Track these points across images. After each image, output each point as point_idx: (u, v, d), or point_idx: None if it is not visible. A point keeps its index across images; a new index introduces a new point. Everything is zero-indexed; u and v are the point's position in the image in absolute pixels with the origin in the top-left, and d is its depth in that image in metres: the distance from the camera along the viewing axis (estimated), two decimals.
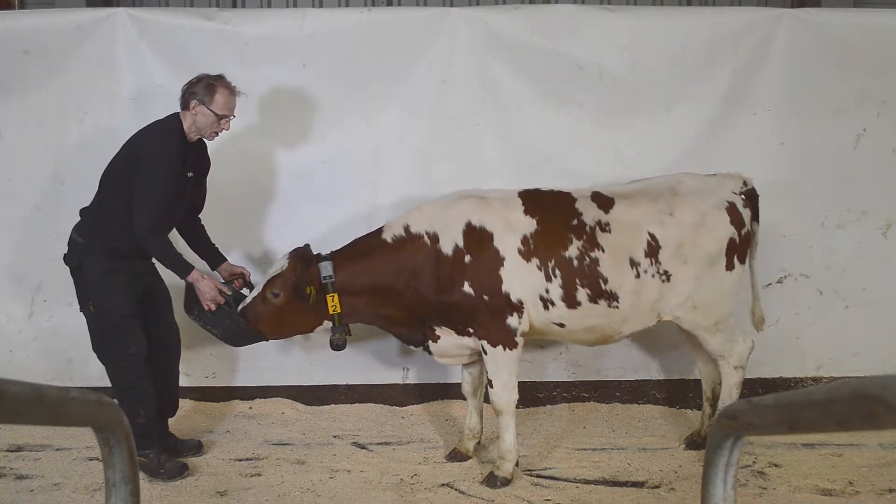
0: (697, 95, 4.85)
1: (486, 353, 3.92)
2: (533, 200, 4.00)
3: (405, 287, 3.93)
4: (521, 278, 3.86)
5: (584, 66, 4.82)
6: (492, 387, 3.95)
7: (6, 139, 4.81)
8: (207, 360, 4.99)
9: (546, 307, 3.89)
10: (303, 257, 3.95)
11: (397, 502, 3.76)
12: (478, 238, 3.88)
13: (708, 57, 4.83)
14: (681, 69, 4.84)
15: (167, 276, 4.23)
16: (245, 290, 4.15)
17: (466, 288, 3.86)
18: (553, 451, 4.34)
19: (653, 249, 3.90)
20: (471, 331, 3.94)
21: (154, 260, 4.08)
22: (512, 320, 3.87)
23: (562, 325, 3.95)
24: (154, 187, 3.77)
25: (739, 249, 4.02)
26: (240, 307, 3.94)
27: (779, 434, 1.54)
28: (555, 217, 3.94)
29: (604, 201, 3.99)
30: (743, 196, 4.07)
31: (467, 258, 3.87)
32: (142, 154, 3.82)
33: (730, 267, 4.00)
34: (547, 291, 3.87)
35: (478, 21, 4.81)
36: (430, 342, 4.06)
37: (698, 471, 3.66)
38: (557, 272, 3.86)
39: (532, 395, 5.06)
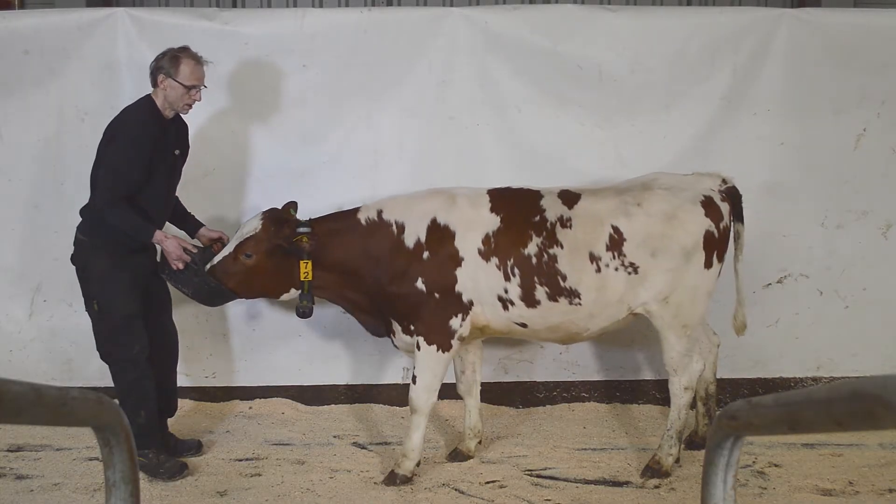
0: (697, 95, 4.84)
1: (418, 350, 3.93)
2: (500, 198, 3.99)
3: (368, 273, 3.95)
4: (477, 279, 3.85)
5: (584, 66, 4.82)
6: (413, 384, 3.96)
7: (6, 139, 4.80)
8: (207, 360, 4.99)
9: (505, 307, 3.87)
10: (276, 219, 3.96)
11: (397, 502, 3.76)
12: (440, 236, 3.89)
13: (708, 57, 4.83)
14: (681, 69, 4.84)
15: None
16: None
17: (419, 283, 3.87)
18: (553, 451, 4.34)
19: (615, 242, 3.82)
20: (412, 328, 3.95)
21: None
22: (455, 322, 3.88)
23: (524, 326, 3.93)
24: (116, 164, 3.81)
25: (719, 246, 3.92)
26: (208, 266, 3.94)
27: (779, 434, 1.53)
28: (518, 214, 3.91)
29: (570, 197, 3.95)
30: (722, 193, 3.98)
31: (426, 254, 3.88)
32: (111, 136, 3.87)
33: (708, 264, 3.89)
34: (506, 291, 3.85)
35: (478, 21, 4.81)
36: (392, 335, 4.08)
37: (698, 471, 3.66)
38: (516, 271, 3.83)
39: (532, 395, 5.06)
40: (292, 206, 4.16)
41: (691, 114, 4.85)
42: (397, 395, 5.04)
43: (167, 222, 4.26)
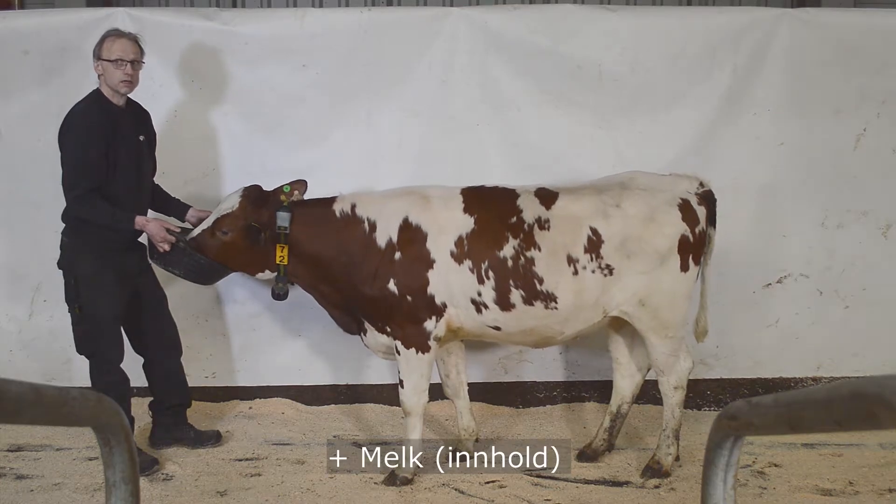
0: (697, 95, 4.84)
1: (398, 354, 3.92)
2: (474, 198, 3.93)
3: (340, 268, 3.91)
4: (450, 281, 3.81)
5: (583, 66, 4.82)
6: (402, 387, 3.96)
7: (6, 139, 4.80)
8: (207, 360, 4.99)
9: (479, 310, 3.82)
10: (255, 199, 3.94)
11: (397, 502, 3.76)
12: (412, 237, 3.85)
13: (708, 57, 4.82)
14: (681, 69, 4.83)
15: (161, 276, 4.24)
16: None
17: (391, 285, 3.83)
18: (553, 450, 4.33)
19: (594, 244, 3.76)
20: (388, 329, 3.93)
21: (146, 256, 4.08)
22: (429, 324, 3.85)
23: (497, 329, 3.89)
24: (72, 160, 3.81)
25: (694, 249, 3.86)
26: (188, 236, 3.92)
27: (779, 434, 1.54)
28: (493, 216, 3.85)
29: (547, 197, 3.88)
30: (699, 196, 3.92)
31: (397, 255, 3.84)
32: (62, 134, 3.88)
33: (684, 268, 3.83)
34: (479, 294, 3.80)
35: (478, 21, 4.81)
36: (363, 333, 4.06)
37: (698, 471, 3.66)
38: (490, 274, 3.78)
39: (532, 395, 5.06)
40: (298, 186, 4.08)
41: (691, 114, 4.85)
42: (397, 396, 5.04)
43: (153, 211, 4.24)
